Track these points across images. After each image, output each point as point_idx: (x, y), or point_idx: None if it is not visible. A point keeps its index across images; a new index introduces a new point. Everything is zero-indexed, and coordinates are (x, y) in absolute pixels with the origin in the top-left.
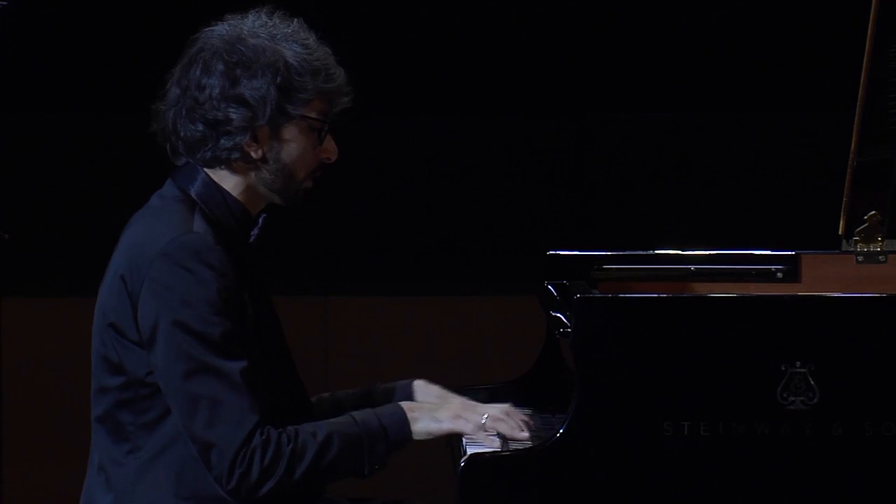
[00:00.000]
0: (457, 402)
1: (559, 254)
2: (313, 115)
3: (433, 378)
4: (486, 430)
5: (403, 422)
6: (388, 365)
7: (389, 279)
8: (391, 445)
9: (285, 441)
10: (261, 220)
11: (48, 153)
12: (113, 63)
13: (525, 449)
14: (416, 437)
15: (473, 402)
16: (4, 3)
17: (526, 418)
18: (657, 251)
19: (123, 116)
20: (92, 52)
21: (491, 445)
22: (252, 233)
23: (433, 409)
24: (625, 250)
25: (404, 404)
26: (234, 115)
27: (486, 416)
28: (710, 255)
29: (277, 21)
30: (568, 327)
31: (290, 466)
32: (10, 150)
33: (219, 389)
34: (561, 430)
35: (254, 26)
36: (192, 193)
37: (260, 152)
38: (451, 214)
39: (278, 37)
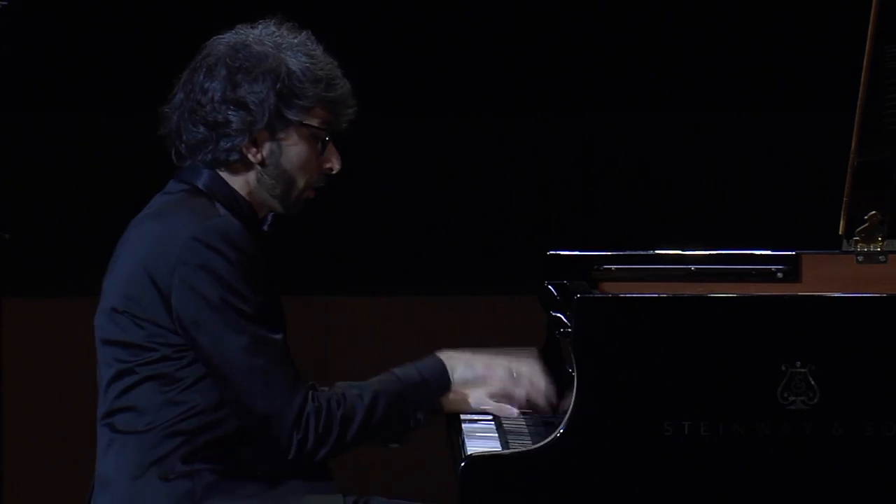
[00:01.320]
0: (496, 359)
1: (559, 254)
2: (315, 123)
3: None
4: (512, 388)
5: (443, 371)
6: (389, 365)
7: (390, 279)
8: (433, 396)
9: (336, 406)
10: (270, 217)
11: (48, 153)
12: (113, 63)
13: (525, 449)
14: (455, 385)
15: (512, 363)
16: (5, 3)
17: (543, 402)
18: (657, 251)
19: (124, 117)
20: (92, 53)
21: (491, 445)
22: (263, 228)
23: (470, 358)
24: (625, 250)
25: (443, 354)
26: (233, 117)
27: (516, 373)
28: (710, 255)
29: (285, 31)
30: (568, 327)
31: (342, 430)
32: (10, 150)
33: (270, 361)
34: (561, 430)
35: (261, 35)
36: (200, 185)
37: (259, 156)
38: (451, 214)
39: (283, 45)
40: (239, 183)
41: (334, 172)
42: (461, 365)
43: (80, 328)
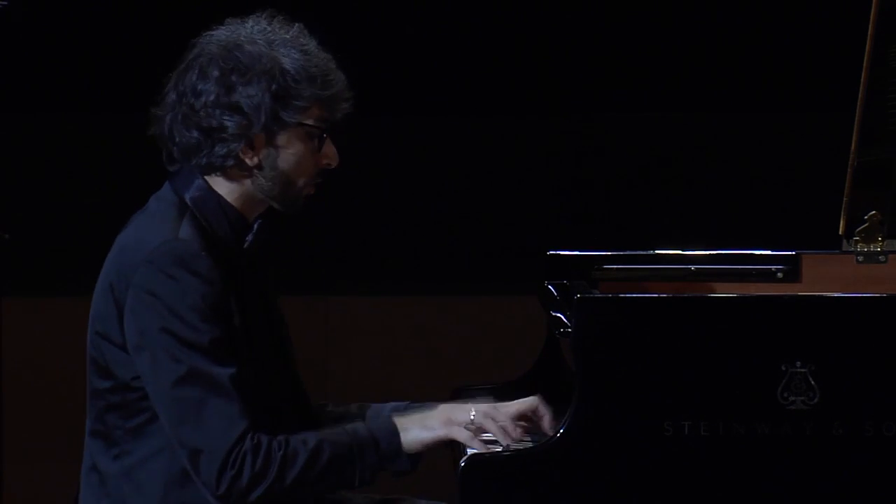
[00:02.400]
0: (445, 406)
1: (559, 254)
2: (311, 121)
3: (433, 378)
4: (475, 428)
5: (393, 432)
6: (389, 365)
7: (389, 279)
8: (382, 456)
9: (276, 447)
10: (255, 227)
11: (48, 153)
12: (112, 63)
13: (525, 449)
14: (407, 447)
15: (461, 404)
16: (5, 3)
17: (508, 422)
18: (657, 251)
19: (123, 116)
20: (91, 53)
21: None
22: (246, 239)
23: (423, 418)
24: (625, 250)
25: (395, 416)
26: (229, 122)
27: (472, 412)
28: (710, 255)
29: (277, 27)
30: (568, 327)
31: (280, 472)
32: (10, 150)
33: (207, 395)
34: (561, 430)
35: (252, 32)
36: (188, 198)
37: (256, 159)
38: (451, 214)
39: (276, 42)
40: (232, 187)
41: (332, 168)
42: (415, 427)
43: (81, 328)
